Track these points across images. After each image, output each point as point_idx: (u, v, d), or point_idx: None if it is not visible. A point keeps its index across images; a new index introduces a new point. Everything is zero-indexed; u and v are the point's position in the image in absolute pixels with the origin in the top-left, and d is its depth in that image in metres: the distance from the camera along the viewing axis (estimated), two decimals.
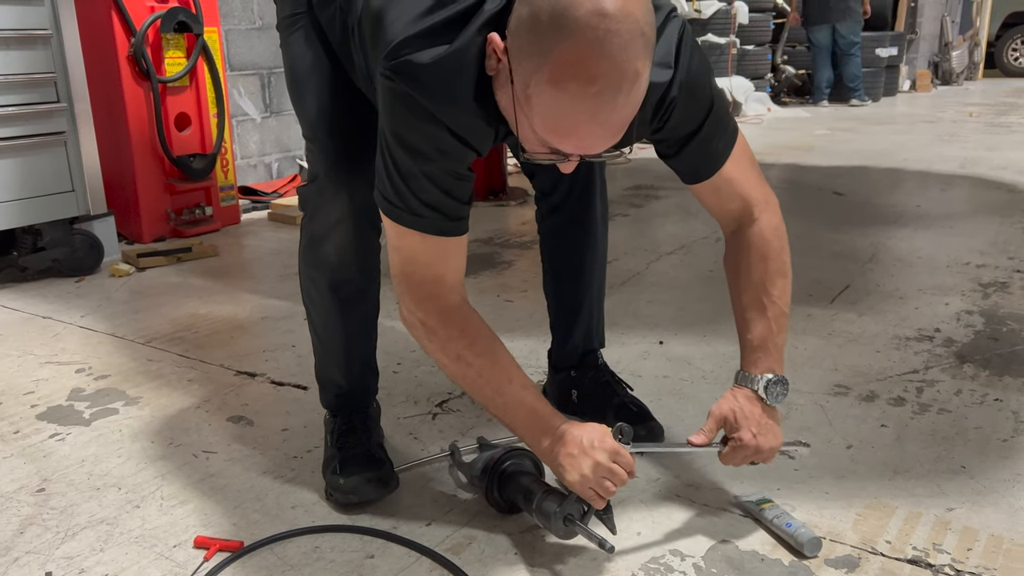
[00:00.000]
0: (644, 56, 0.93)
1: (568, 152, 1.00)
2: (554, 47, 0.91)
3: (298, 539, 1.25)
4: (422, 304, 1.17)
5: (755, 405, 1.22)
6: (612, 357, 1.71)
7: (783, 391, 1.24)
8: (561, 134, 0.97)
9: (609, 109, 0.94)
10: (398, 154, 1.08)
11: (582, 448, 1.11)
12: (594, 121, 0.95)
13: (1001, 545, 1.21)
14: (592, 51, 0.90)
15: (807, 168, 4.59)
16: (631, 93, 0.94)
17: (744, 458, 1.23)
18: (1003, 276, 2.51)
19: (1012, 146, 5.22)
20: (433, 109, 1.04)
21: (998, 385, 1.76)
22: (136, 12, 2.89)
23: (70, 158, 2.64)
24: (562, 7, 0.91)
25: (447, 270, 1.17)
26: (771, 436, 1.22)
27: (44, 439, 1.60)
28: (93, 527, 1.30)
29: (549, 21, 0.92)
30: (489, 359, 1.18)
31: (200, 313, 2.31)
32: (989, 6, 11.40)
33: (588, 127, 0.95)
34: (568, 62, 0.91)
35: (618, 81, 0.92)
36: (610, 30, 0.90)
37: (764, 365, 1.24)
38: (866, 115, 7.26)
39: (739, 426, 1.21)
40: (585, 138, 0.97)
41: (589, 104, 0.93)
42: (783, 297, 1.26)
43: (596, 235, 1.55)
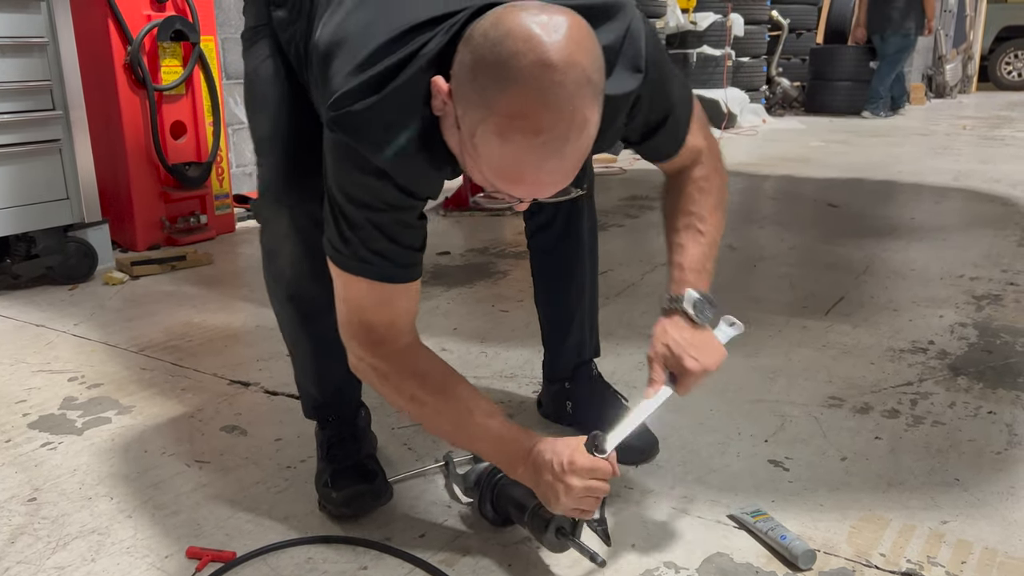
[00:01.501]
0: (592, 103, 0.92)
1: (519, 196, 0.99)
2: (498, 98, 0.89)
3: (291, 550, 1.25)
4: (371, 350, 1.16)
5: (686, 329, 1.20)
6: (607, 368, 1.71)
7: (711, 309, 1.22)
8: (509, 181, 0.95)
9: (557, 158, 0.92)
10: (344, 205, 1.07)
11: (555, 474, 1.09)
12: (542, 170, 0.93)
13: (995, 558, 1.21)
14: (537, 103, 0.88)
15: (802, 180, 4.61)
16: (579, 140, 0.92)
17: (696, 382, 1.20)
18: (996, 288, 2.52)
19: (1005, 159, 5.25)
20: (377, 162, 1.02)
21: (992, 398, 1.76)
22: (133, 20, 2.90)
23: (65, 166, 2.63)
24: (505, 56, 0.88)
25: (396, 315, 1.15)
26: (711, 351, 1.20)
27: (36, 448, 1.59)
28: (85, 537, 1.29)
29: (492, 71, 0.89)
30: (444, 395, 1.16)
31: (194, 322, 2.31)
32: (982, 20, 11.49)
33: (536, 176, 0.94)
34: (513, 115, 0.89)
35: (565, 131, 0.90)
36: (555, 81, 0.87)
37: (692, 285, 1.23)
38: (860, 127, 7.29)
39: (679, 356, 1.18)
40: (534, 185, 0.96)
41: (536, 155, 0.91)
42: (717, 228, 1.28)
43: (584, 251, 1.55)
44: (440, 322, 2.27)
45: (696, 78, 6.93)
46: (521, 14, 0.91)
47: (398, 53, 0.98)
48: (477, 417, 1.15)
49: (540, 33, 0.88)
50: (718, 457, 1.52)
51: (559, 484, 1.08)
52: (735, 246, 3.08)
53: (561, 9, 0.92)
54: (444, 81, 0.96)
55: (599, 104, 0.93)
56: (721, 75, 6.96)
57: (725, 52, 6.97)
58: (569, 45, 0.89)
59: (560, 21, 0.90)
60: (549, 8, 0.92)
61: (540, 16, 0.90)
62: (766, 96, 8.19)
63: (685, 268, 1.24)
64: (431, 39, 0.98)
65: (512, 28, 0.89)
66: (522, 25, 0.89)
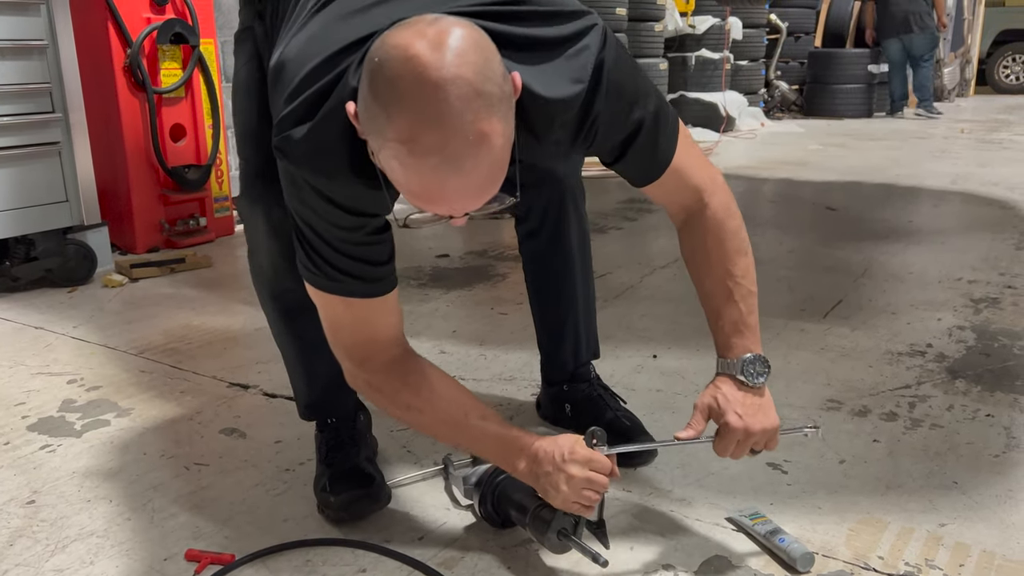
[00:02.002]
0: (488, 115, 0.87)
1: (439, 214, 0.96)
2: (387, 124, 0.87)
3: (290, 552, 1.25)
4: (360, 365, 1.17)
5: (737, 390, 1.18)
6: (606, 371, 1.71)
7: (762, 369, 1.19)
8: (422, 202, 0.93)
9: (458, 176, 0.88)
10: (302, 227, 1.09)
11: (555, 464, 1.10)
12: (446, 190, 0.90)
13: (993, 561, 1.21)
14: (422, 125, 0.85)
15: (800, 183, 4.61)
16: (479, 155, 0.88)
17: (739, 444, 1.18)
18: (994, 292, 2.52)
19: (1003, 162, 5.26)
20: (318, 185, 1.02)
21: (990, 401, 1.76)
22: (132, 23, 2.90)
23: (64, 168, 2.64)
24: (388, 80, 0.86)
25: (377, 329, 1.16)
26: (761, 416, 1.18)
27: (35, 450, 1.59)
28: (83, 539, 1.29)
29: (378, 97, 0.88)
30: (439, 402, 1.17)
31: (193, 324, 2.31)
32: (980, 24, 11.51)
33: (442, 195, 0.91)
34: (402, 139, 0.87)
35: (459, 150, 0.86)
36: (437, 100, 0.85)
37: (740, 347, 1.20)
38: (858, 131, 7.30)
39: (724, 411, 1.17)
40: (445, 204, 0.93)
41: (435, 176, 0.88)
42: (747, 276, 1.21)
43: (574, 257, 1.55)
44: (439, 324, 2.27)
45: (695, 81, 6.95)
46: (404, 33, 0.88)
47: (326, 77, 0.98)
48: (473, 419, 1.16)
49: (420, 52, 0.85)
50: (716, 460, 1.51)
51: (560, 474, 1.09)
52: None
53: (452, 21, 0.90)
54: (354, 106, 0.94)
55: (501, 114, 0.89)
56: (720, 78, 6.97)
57: (723, 55, 6.98)
58: (452, 60, 0.85)
59: (444, 35, 0.87)
60: (439, 21, 0.89)
61: (424, 32, 0.87)
62: (764, 99, 8.21)
63: (728, 332, 1.20)
64: (355, 62, 0.97)
65: (392, 50, 0.87)
66: (402, 45, 0.86)
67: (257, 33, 1.31)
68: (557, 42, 1.02)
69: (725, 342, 1.21)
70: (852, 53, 8.50)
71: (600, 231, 3.41)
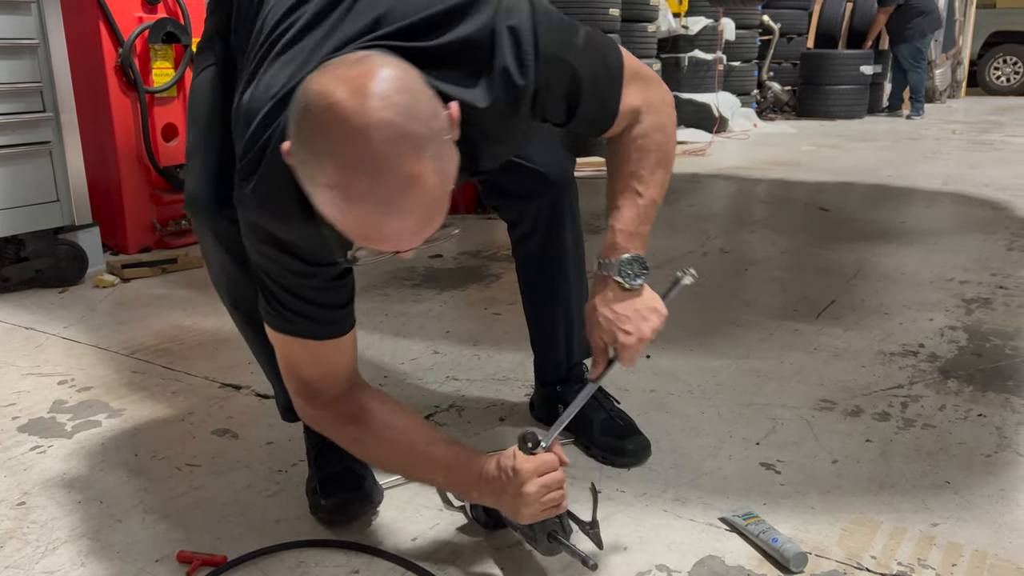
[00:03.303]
0: (417, 156, 0.86)
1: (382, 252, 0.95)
2: (315, 172, 0.87)
3: (282, 554, 1.24)
4: (309, 402, 1.19)
5: (616, 300, 1.18)
6: None
7: (640, 270, 1.19)
8: (363, 241, 0.92)
9: (392, 220, 0.87)
10: (260, 273, 1.10)
11: (505, 487, 1.10)
12: (383, 232, 0.89)
13: (985, 561, 1.22)
14: (350, 173, 0.84)
15: (793, 184, 4.63)
16: (413, 196, 0.86)
17: (637, 349, 1.19)
18: (986, 292, 2.53)
19: (994, 163, 5.29)
20: (275, 233, 1.03)
21: (981, 400, 1.77)
22: (124, 22, 2.89)
23: (55, 168, 2.62)
24: (310, 128, 0.86)
25: (329, 368, 1.17)
26: (645, 318, 1.19)
27: (25, 451, 1.58)
28: (74, 541, 1.28)
29: (305, 144, 0.87)
30: (384, 434, 1.18)
31: (185, 325, 2.30)
32: (971, 25, 11.56)
33: (381, 236, 0.90)
34: (331, 186, 0.86)
35: (389, 195, 0.85)
36: (362, 147, 0.83)
37: (622, 249, 1.19)
38: (850, 132, 7.33)
39: (612, 332, 1.18)
40: (385, 244, 0.92)
41: (369, 220, 0.87)
42: (658, 188, 1.21)
43: (567, 262, 1.54)
44: (433, 325, 2.27)
45: (688, 82, 6.95)
46: (325, 78, 0.87)
47: (272, 127, 0.99)
48: (420, 448, 1.17)
49: (341, 99, 0.84)
50: (710, 460, 1.52)
51: (516, 498, 1.10)
52: (727, 249, 3.09)
53: (377, 61, 0.88)
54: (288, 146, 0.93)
55: (431, 153, 0.87)
56: (712, 79, 6.98)
57: (716, 56, 6.99)
58: (374, 105, 0.84)
59: (366, 78, 0.85)
60: (362, 63, 0.88)
61: (346, 76, 0.86)
62: (757, 100, 8.23)
63: (617, 231, 1.20)
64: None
65: (315, 97, 0.86)
66: (323, 92, 0.85)
67: (217, 50, 1.30)
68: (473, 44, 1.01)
69: (611, 242, 1.20)
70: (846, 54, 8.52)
71: (593, 231, 3.40)
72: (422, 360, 2.02)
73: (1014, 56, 12.02)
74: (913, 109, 8.57)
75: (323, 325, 1.13)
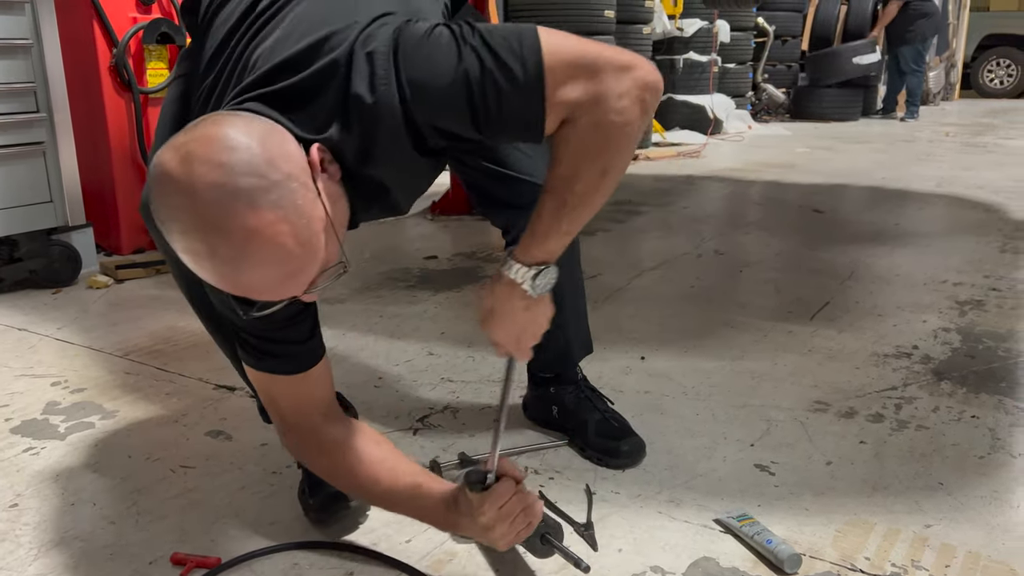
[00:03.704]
0: (253, 209, 0.85)
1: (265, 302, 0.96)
2: (169, 240, 0.89)
3: (276, 555, 1.24)
4: (284, 433, 1.23)
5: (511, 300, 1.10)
6: (594, 372, 1.71)
7: (551, 280, 1.11)
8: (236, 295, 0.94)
9: (248, 273, 0.88)
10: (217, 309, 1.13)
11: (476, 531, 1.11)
12: (245, 285, 0.90)
13: (978, 562, 1.22)
14: (189, 238, 0.87)
15: (787, 185, 4.64)
16: (261, 250, 0.87)
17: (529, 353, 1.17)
18: (979, 294, 2.54)
19: (987, 166, 5.31)
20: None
21: (975, 402, 1.78)
22: (118, 23, 2.88)
23: (49, 169, 2.61)
24: (154, 198, 0.89)
25: (301, 401, 1.20)
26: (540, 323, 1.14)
27: (18, 453, 1.57)
28: (67, 543, 1.28)
29: (156, 214, 0.90)
30: (353, 470, 1.19)
31: (179, 326, 2.29)
32: (965, 28, 11.60)
33: (247, 290, 0.91)
34: (182, 251, 0.89)
35: (233, 252, 0.86)
36: (191, 211, 0.85)
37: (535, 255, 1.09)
38: (844, 134, 7.35)
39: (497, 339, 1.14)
40: (257, 295, 0.93)
41: (227, 279, 0.89)
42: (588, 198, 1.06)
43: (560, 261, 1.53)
44: (427, 326, 2.27)
45: (683, 84, 6.97)
46: (164, 148, 0.89)
47: None
48: (384, 487, 1.18)
49: (169, 169, 0.86)
50: (704, 461, 1.52)
51: (485, 536, 1.11)
52: (721, 251, 3.10)
53: (211, 121, 0.90)
54: None
55: (270, 202, 0.86)
56: (707, 81, 7.00)
57: (711, 58, 7.00)
58: (198, 169, 0.85)
59: (195, 143, 0.87)
60: (197, 126, 0.89)
61: (178, 143, 0.88)
62: (752, 102, 8.24)
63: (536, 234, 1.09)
64: None
65: (154, 169, 0.88)
66: (158, 163, 0.88)
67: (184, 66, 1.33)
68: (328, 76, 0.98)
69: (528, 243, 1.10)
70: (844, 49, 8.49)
71: (588, 233, 3.41)
72: (417, 361, 2.02)
73: (1007, 59, 12.08)
74: (908, 112, 8.60)
75: (287, 360, 1.16)
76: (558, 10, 5.21)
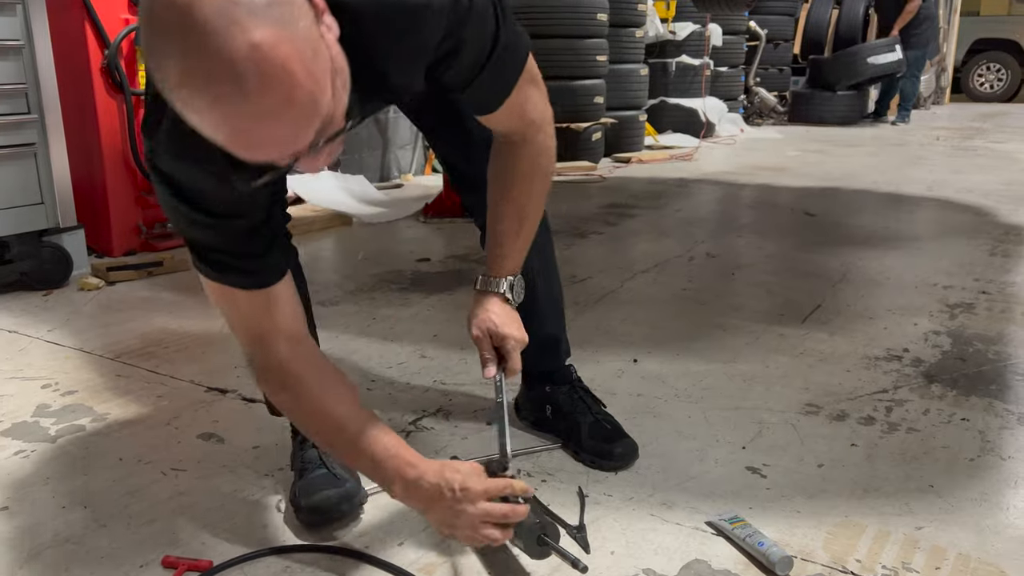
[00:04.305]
0: (255, 19, 0.76)
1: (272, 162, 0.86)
2: (164, 78, 0.79)
3: (268, 559, 1.24)
4: (251, 365, 1.17)
5: (504, 306, 1.28)
6: (586, 375, 1.71)
7: (521, 290, 1.33)
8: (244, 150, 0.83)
9: (251, 101, 0.77)
10: (180, 227, 1.07)
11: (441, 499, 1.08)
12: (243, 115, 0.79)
13: (969, 564, 1.23)
14: (188, 62, 0.76)
15: (779, 188, 4.65)
16: (261, 69, 0.76)
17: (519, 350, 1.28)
18: (969, 297, 2.55)
19: (977, 169, 5.34)
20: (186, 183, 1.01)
21: (965, 405, 1.78)
22: (110, 24, 2.87)
23: (40, 170, 2.60)
24: (148, 32, 0.79)
25: (263, 324, 1.13)
26: (521, 326, 1.31)
27: (8, 456, 1.56)
28: (58, 546, 1.27)
29: (150, 54, 0.80)
30: (315, 412, 1.15)
31: (171, 328, 2.29)
32: (955, 33, 11.67)
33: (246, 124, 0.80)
34: (179, 85, 0.78)
35: (234, 72, 0.76)
36: (192, 28, 0.75)
37: (509, 269, 1.30)
38: (836, 137, 7.38)
39: (503, 333, 1.25)
40: (256, 133, 0.81)
41: (227, 111, 0.78)
42: (539, 212, 1.32)
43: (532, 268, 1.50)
44: (420, 329, 2.26)
45: (675, 87, 6.99)
46: None
47: None
48: (347, 435, 1.13)
49: None
50: (696, 464, 1.53)
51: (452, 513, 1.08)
52: (713, 254, 3.11)
53: None
54: None
55: (272, 20, 0.77)
56: (700, 84, 7.02)
57: (704, 62, 7.03)
58: None
59: None
60: None
61: None
62: (744, 106, 8.27)
63: (503, 255, 1.30)
64: None
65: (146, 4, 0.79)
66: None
67: None
68: None
69: (497, 263, 1.30)
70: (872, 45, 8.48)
71: (581, 236, 3.42)
72: (409, 364, 2.02)
73: (997, 63, 12.16)
74: (899, 115, 8.64)
75: (247, 275, 1.09)
76: (551, 14, 5.23)
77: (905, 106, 8.59)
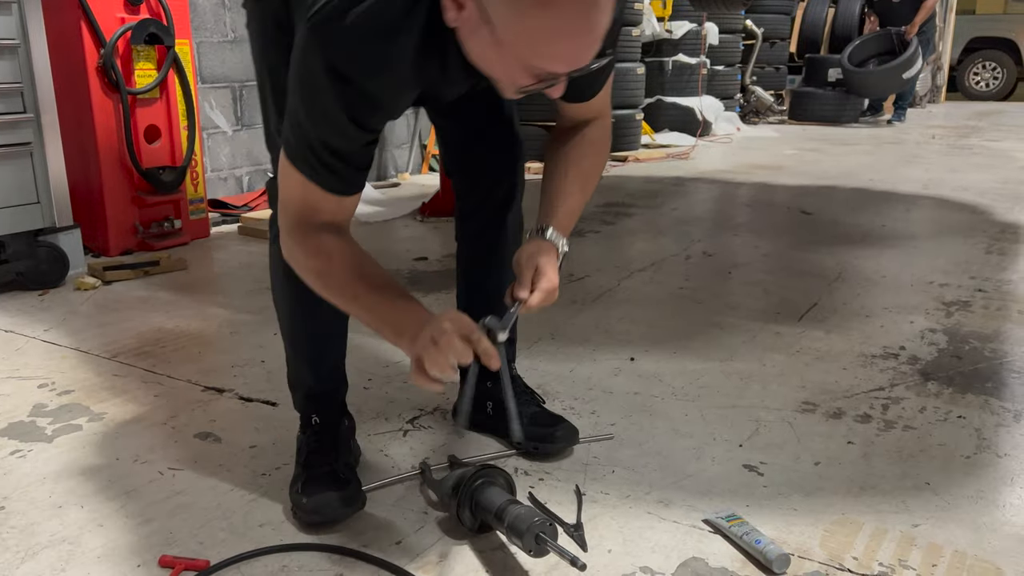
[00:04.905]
0: None
1: (560, 72, 1.02)
2: None
3: (265, 558, 1.24)
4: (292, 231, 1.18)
5: (552, 255, 1.29)
6: (583, 374, 1.71)
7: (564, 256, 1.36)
8: (555, 55, 0.99)
9: (597, 9, 0.96)
10: (303, 114, 1.09)
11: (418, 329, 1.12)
12: (586, 27, 0.96)
13: (965, 561, 1.23)
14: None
15: (776, 187, 4.66)
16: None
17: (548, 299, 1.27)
18: (965, 295, 2.56)
19: (973, 168, 5.34)
20: (352, 75, 1.04)
21: (961, 402, 1.79)
22: (106, 23, 2.87)
23: (36, 169, 2.60)
24: None
25: (322, 215, 1.17)
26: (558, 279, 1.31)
27: (4, 456, 1.56)
28: (55, 546, 1.27)
29: None
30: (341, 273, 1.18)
31: (167, 327, 2.28)
32: (951, 32, 11.69)
33: (580, 37, 0.97)
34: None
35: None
36: None
37: (566, 229, 1.34)
38: (832, 136, 7.39)
39: (545, 271, 1.26)
40: (578, 50, 0.99)
41: (577, 9, 0.94)
42: (594, 186, 1.41)
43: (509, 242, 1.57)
44: None
45: (672, 86, 6.99)
46: None
47: None
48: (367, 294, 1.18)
49: None
50: (693, 462, 1.53)
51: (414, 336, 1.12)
52: (710, 253, 3.11)
53: None
54: None
55: None
56: (696, 83, 7.02)
57: (700, 61, 7.03)
58: None
59: None
60: None
61: None
62: (740, 104, 8.28)
63: (565, 214, 1.34)
64: None
65: None
66: None
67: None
68: None
69: (561, 221, 1.33)
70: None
71: (578, 234, 3.42)
72: (406, 363, 2.00)
73: (993, 61, 12.18)
74: (895, 114, 8.64)
75: (340, 180, 1.14)
76: None
77: (901, 105, 8.60)
